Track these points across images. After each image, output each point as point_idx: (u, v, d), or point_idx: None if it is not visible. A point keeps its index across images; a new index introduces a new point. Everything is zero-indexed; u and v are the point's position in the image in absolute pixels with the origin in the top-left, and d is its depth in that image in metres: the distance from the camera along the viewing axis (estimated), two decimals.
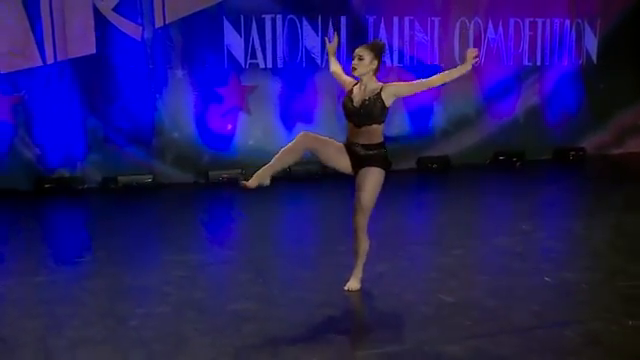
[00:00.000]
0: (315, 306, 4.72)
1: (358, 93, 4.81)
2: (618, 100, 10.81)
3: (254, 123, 9.28)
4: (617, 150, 11.03)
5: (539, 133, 10.56)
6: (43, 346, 4.15)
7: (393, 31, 9.64)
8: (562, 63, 10.58)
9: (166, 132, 9.00)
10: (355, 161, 4.77)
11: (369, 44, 4.89)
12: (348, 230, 5.05)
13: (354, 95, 4.82)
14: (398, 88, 4.83)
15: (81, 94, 8.56)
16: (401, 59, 9.72)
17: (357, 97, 4.79)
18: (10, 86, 8.35)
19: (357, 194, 4.78)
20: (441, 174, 9.87)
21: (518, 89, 10.43)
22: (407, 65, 9.74)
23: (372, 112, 4.72)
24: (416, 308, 4.68)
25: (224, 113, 9.19)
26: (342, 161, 4.79)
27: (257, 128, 9.28)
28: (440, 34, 9.89)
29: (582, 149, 10.73)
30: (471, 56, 4.69)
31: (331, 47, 5.39)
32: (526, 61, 10.39)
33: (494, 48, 10.15)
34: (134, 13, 8.60)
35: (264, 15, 9.08)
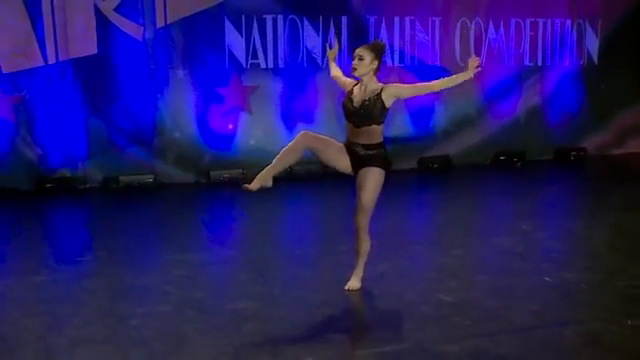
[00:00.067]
0: (315, 305, 4.73)
1: (358, 93, 4.81)
2: (619, 100, 10.80)
3: (255, 123, 9.29)
4: (618, 150, 11.02)
5: (540, 133, 10.55)
6: (44, 345, 4.16)
7: (394, 31, 9.64)
8: (563, 63, 10.58)
9: (167, 132, 9.01)
10: (355, 161, 4.78)
11: (369, 44, 4.90)
12: (349, 230, 5.06)
13: (354, 95, 4.83)
14: (399, 89, 4.83)
15: (82, 94, 8.57)
16: (402, 59, 9.72)
17: (357, 97, 4.79)
18: (12, 86, 8.36)
19: (358, 194, 4.79)
20: (442, 174, 9.87)
21: (519, 89, 10.42)
22: (408, 65, 9.74)
23: (372, 112, 4.72)
24: (416, 308, 4.69)
25: (225, 113, 9.20)
26: (342, 161, 4.79)
27: (258, 128, 9.29)
28: (441, 34, 9.88)
29: (583, 149, 10.72)
30: (473, 64, 4.69)
31: (331, 53, 5.39)
32: (527, 61, 10.39)
33: (495, 48, 10.15)
34: (135, 13, 8.61)
35: (265, 15, 9.09)
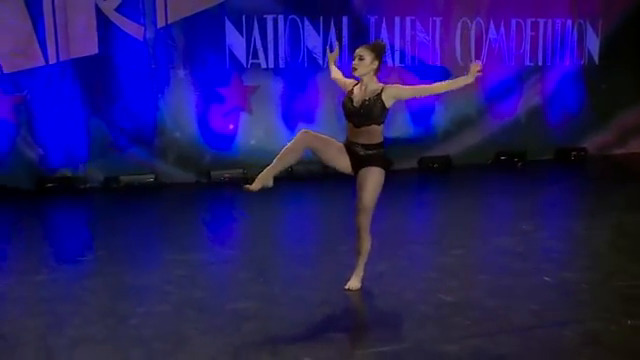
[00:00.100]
0: (315, 305, 4.74)
1: (358, 93, 4.81)
2: (620, 100, 10.80)
3: (256, 123, 9.30)
4: (619, 150, 11.02)
5: (541, 133, 10.55)
6: (44, 344, 4.17)
7: (394, 31, 9.64)
8: (564, 63, 10.57)
9: (168, 132, 9.02)
10: (355, 161, 4.78)
11: (370, 44, 4.90)
12: (349, 229, 5.07)
13: (354, 95, 4.83)
14: (399, 90, 4.82)
15: (83, 94, 8.58)
16: (402, 59, 9.72)
17: (357, 97, 4.80)
18: (12, 86, 8.37)
19: (358, 194, 4.79)
20: (443, 174, 9.87)
21: (520, 89, 10.42)
22: (409, 65, 9.75)
23: (372, 112, 4.72)
24: (416, 307, 4.69)
25: (226, 113, 9.21)
26: (342, 161, 4.79)
27: (259, 128, 9.29)
28: (442, 34, 9.89)
29: (584, 149, 10.73)
30: (474, 69, 4.68)
31: (332, 56, 5.38)
32: (528, 61, 10.39)
33: (496, 48, 10.15)
34: (136, 13, 8.62)
35: (266, 15, 9.10)
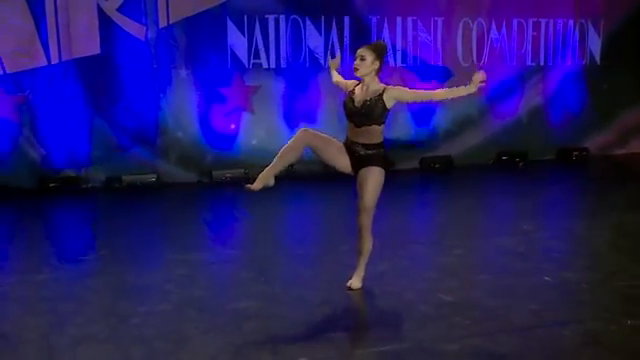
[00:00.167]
0: (316, 305, 4.75)
1: (360, 93, 4.82)
2: (621, 100, 10.79)
3: (257, 123, 9.31)
4: (620, 150, 11.02)
5: (542, 133, 10.55)
6: (46, 343, 4.19)
7: (396, 31, 9.65)
8: (565, 63, 10.57)
9: (170, 132, 9.04)
10: (355, 161, 4.79)
11: (371, 44, 4.91)
12: (350, 229, 5.08)
13: (355, 95, 4.84)
14: (401, 93, 4.81)
15: (85, 94, 8.60)
16: (404, 59, 9.73)
17: (358, 97, 4.81)
18: (15, 86, 8.39)
19: (359, 194, 4.81)
20: (444, 174, 9.87)
21: (521, 89, 10.42)
22: (410, 65, 9.75)
23: (373, 113, 4.73)
24: (416, 307, 4.70)
25: (227, 113, 9.22)
26: (342, 160, 4.80)
27: (260, 128, 9.30)
28: (443, 34, 9.89)
29: (585, 149, 10.73)
30: (478, 79, 4.68)
31: (333, 63, 5.38)
32: (529, 61, 10.38)
33: (497, 48, 10.15)
34: (138, 13, 8.63)
35: (267, 15, 9.11)
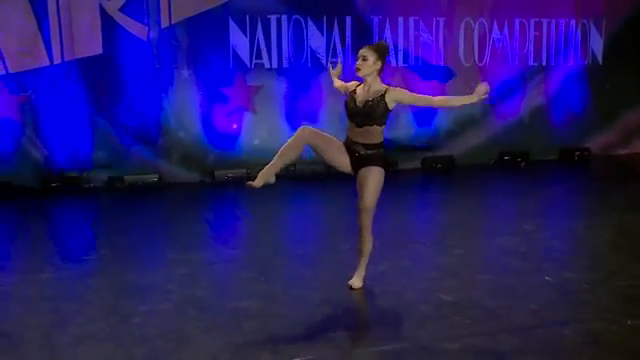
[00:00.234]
0: (316, 304, 4.76)
1: (362, 93, 4.83)
2: (623, 100, 10.79)
3: (259, 123, 9.33)
4: (623, 150, 11.01)
5: (544, 133, 10.55)
6: (48, 342, 4.21)
7: (398, 31, 9.66)
8: (567, 63, 10.57)
9: (172, 132, 9.06)
10: (355, 161, 4.80)
11: (373, 45, 4.92)
12: (350, 229, 5.09)
13: (357, 95, 4.85)
14: (402, 95, 4.81)
15: (88, 94, 8.63)
16: (406, 59, 9.74)
17: (360, 97, 4.82)
18: (18, 86, 8.42)
19: (359, 194, 4.82)
20: (446, 174, 9.87)
21: (523, 89, 10.42)
22: (412, 65, 9.77)
23: (374, 113, 4.74)
24: (416, 307, 4.71)
25: (229, 113, 9.24)
26: (341, 159, 4.82)
27: (262, 128, 9.32)
28: (445, 34, 9.90)
29: (587, 149, 10.72)
30: (481, 91, 4.68)
31: (334, 73, 5.34)
32: (531, 61, 10.38)
33: (499, 48, 10.15)
34: (140, 13, 8.66)
35: (269, 15, 9.13)
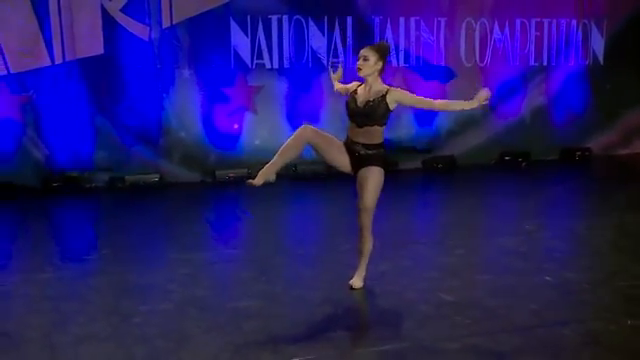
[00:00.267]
0: (317, 304, 4.77)
1: (363, 94, 4.84)
2: (625, 100, 10.77)
3: (260, 123, 9.32)
4: (624, 150, 11.00)
5: (545, 133, 10.53)
6: (48, 342, 4.22)
7: (399, 31, 9.65)
8: (568, 63, 10.55)
9: (173, 132, 9.06)
10: (355, 161, 4.81)
11: (374, 45, 4.93)
12: (351, 229, 5.10)
13: (358, 95, 4.86)
14: (403, 96, 4.80)
15: (89, 94, 8.64)
16: (407, 59, 9.73)
17: (361, 97, 4.82)
18: (19, 86, 8.43)
19: (359, 194, 4.82)
20: (447, 174, 9.87)
21: (524, 89, 10.41)
22: (413, 65, 9.76)
23: (375, 113, 4.75)
24: (417, 307, 4.72)
25: (231, 113, 9.24)
26: (341, 159, 4.82)
27: (263, 128, 9.32)
28: (446, 34, 9.89)
29: (588, 149, 10.71)
30: (482, 97, 4.68)
31: (335, 77, 5.33)
32: (532, 61, 10.37)
33: (500, 48, 10.14)
34: (141, 13, 8.66)
35: (270, 16, 9.13)
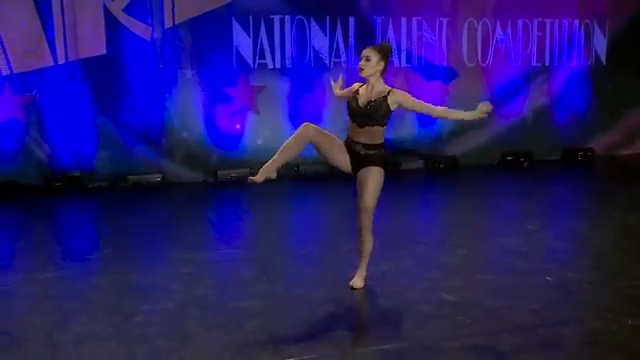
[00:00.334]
0: (318, 303, 4.78)
1: (364, 94, 4.84)
2: (627, 100, 10.76)
3: (263, 123, 9.33)
4: (626, 151, 10.99)
5: (547, 133, 10.53)
6: (50, 341, 4.23)
7: (401, 32, 9.66)
8: (571, 63, 10.54)
9: (175, 131, 9.08)
10: (355, 161, 4.82)
11: (376, 45, 4.93)
12: (353, 229, 5.10)
13: (360, 95, 4.86)
14: (404, 99, 4.79)
15: (92, 94, 8.65)
16: (409, 59, 9.73)
17: (363, 97, 4.83)
18: (22, 86, 8.45)
19: (359, 194, 4.83)
20: (449, 174, 9.87)
21: (526, 89, 10.40)
22: (415, 65, 9.76)
23: (376, 113, 4.76)
24: (418, 306, 4.72)
25: (233, 113, 9.26)
26: (341, 158, 4.83)
27: (265, 128, 9.32)
28: (448, 34, 9.89)
29: (590, 149, 10.70)
30: (482, 109, 4.70)
31: (336, 86, 5.30)
32: (534, 61, 10.36)
33: (502, 48, 10.14)
34: (144, 13, 8.67)
35: (273, 16, 9.14)
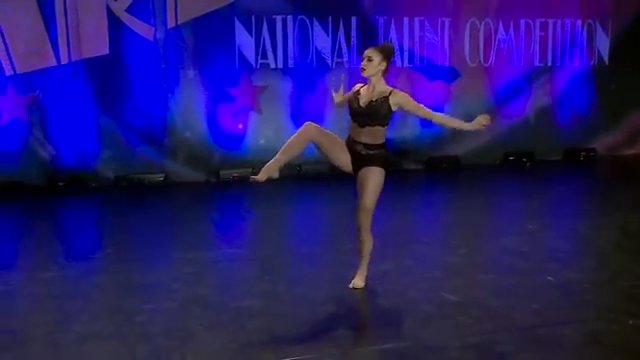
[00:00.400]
0: (319, 303, 4.78)
1: (366, 94, 4.85)
2: (629, 101, 10.75)
3: (265, 123, 9.35)
4: (629, 151, 10.98)
5: (549, 133, 10.53)
6: (52, 340, 4.24)
7: (403, 32, 9.67)
8: (573, 63, 10.54)
9: (178, 131, 9.10)
10: (356, 160, 4.82)
11: (378, 46, 4.94)
12: (354, 229, 5.10)
13: (361, 95, 4.87)
14: (405, 101, 4.79)
15: (94, 94, 8.69)
16: (411, 59, 9.75)
17: (364, 97, 4.84)
18: (25, 86, 8.48)
19: (359, 194, 4.83)
20: (451, 174, 9.87)
21: (529, 89, 10.40)
22: (417, 65, 9.77)
23: (378, 113, 4.76)
24: (419, 306, 4.73)
25: (235, 113, 9.27)
26: (343, 158, 4.84)
27: (268, 128, 9.34)
28: (450, 35, 9.90)
29: (593, 150, 10.70)
30: (480, 121, 4.76)
31: (337, 96, 5.20)
32: (537, 62, 10.36)
33: (504, 49, 10.14)
34: (147, 14, 8.70)
35: (275, 16, 9.16)
